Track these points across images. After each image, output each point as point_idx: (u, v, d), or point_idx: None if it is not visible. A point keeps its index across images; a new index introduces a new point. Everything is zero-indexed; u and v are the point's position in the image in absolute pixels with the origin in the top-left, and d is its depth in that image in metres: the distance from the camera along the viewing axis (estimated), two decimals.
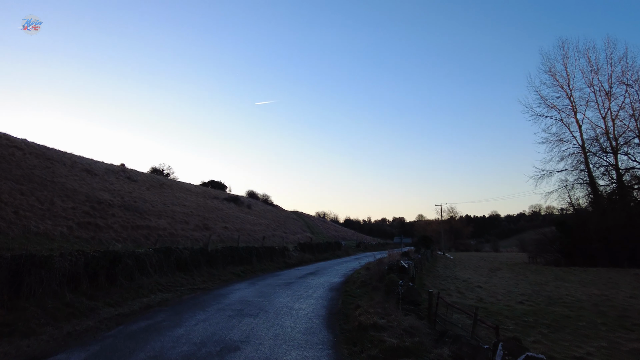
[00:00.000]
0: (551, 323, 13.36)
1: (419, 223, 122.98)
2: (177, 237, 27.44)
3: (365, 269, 19.83)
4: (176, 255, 14.73)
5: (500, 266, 43.71)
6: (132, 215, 28.89)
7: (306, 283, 16.43)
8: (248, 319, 9.59)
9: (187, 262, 15.13)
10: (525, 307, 16.32)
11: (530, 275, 32.18)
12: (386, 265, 15.92)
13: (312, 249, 30.16)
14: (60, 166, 35.68)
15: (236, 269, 17.92)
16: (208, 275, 15.54)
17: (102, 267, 10.77)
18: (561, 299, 18.62)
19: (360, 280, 16.05)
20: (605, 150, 42.05)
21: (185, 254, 15.23)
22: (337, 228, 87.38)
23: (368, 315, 9.02)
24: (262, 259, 21.33)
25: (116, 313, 9.54)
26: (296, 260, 25.12)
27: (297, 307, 11.29)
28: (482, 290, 21.07)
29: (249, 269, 18.92)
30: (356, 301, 11.96)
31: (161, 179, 50.46)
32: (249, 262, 19.95)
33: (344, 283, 16.80)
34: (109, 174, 41.09)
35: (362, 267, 24.18)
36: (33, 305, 8.19)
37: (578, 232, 41.02)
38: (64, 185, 29.89)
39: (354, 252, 42.51)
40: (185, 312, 10.10)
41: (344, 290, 14.96)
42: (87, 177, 36.30)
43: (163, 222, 29.70)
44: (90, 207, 27.02)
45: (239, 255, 19.23)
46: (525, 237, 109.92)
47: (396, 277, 11.19)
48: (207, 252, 16.84)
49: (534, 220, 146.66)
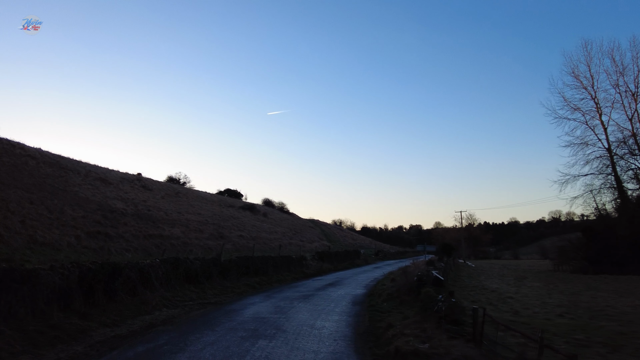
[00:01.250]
0: (606, 341, 11.56)
1: (436, 230, 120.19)
2: (190, 246, 26.21)
3: (390, 280, 18.18)
4: (185, 266, 13.34)
5: (526, 274, 41.69)
6: (145, 224, 27.81)
7: (326, 295, 14.93)
8: (263, 341, 8.13)
9: (197, 274, 13.75)
10: (568, 322, 14.58)
11: (559, 284, 30.28)
12: (415, 276, 14.36)
13: (331, 257, 28.59)
14: (74, 175, 35.02)
15: (251, 280, 16.45)
16: (220, 287, 14.12)
17: (100, 281, 9.43)
18: (603, 312, 16.86)
19: (387, 292, 14.44)
20: (633, 153, 39.98)
21: (195, 265, 13.85)
22: (354, 236, 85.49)
23: (405, 338, 7.48)
24: (278, 269, 19.86)
25: (112, 335, 8.16)
26: (314, 270, 23.60)
27: (318, 326, 9.78)
28: (515, 301, 19.39)
29: (264, 280, 17.45)
30: (386, 318, 10.40)
31: (177, 187, 49.60)
32: (265, 273, 18.50)
33: (367, 295, 15.24)
34: (124, 183, 40.32)
35: (385, 277, 22.58)
36: (11, 328, 6.85)
37: (605, 238, 38.81)
38: (76, 194, 29.05)
39: (373, 261, 40.75)
40: (192, 333, 8.67)
41: (368, 304, 13.40)
42: (101, 185, 35.53)
43: (177, 231, 28.54)
44: (101, 216, 26.02)
45: (254, 266, 17.78)
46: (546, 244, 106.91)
47: (433, 291, 9.62)
48: (220, 263, 15.43)
49: (554, 226, 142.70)
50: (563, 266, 45.39)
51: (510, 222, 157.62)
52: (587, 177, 42.65)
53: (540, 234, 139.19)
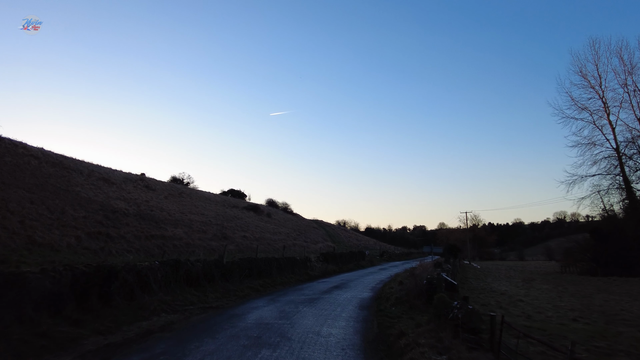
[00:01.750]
0: (629, 350, 10.90)
1: (441, 231, 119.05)
2: (193, 247, 25.68)
3: (398, 283, 17.51)
4: (186, 268, 12.76)
5: (533, 276, 40.91)
6: (147, 225, 27.30)
7: (332, 299, 14.32)
8: (267, 350, 7.54)
9: (198, 276, 13.17)
10: (584, 327, 13.96)
11: (569, 287, 29.56)
12: (424, 279, 13.74)
13: (336, 259, 27.95)
14: (76, 175, 34.53)
15: (254, 282, 15.84)
16: (223, 290, 13.53)
17: (94, 285, 8.87)
18: (618, 316, 16.24)
19: (395, 296, 13.79)
20: None
21: (197, 267, 13.27)
22: (358, 237, 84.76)
23: (420, 348, 6.86)
24: (282, 271, 19.26)
25: (105, 343, 7.58)
26: (319, 272, 22.98)
27: (325, 333, 9.18)
28: (525, 304, 18.75)
29: (268, 282, 16.85)
30: (396, 324, 9.77)
31: (180, 187, 49.08)
32: (269, 275, 17.91)
33: (375, 299, 14.62)
34: (127, 183, 39.84)
35: (391, 280, 21.94)
36: None
37: (613, 239, 38.01)
38: (78, 194, 28.55)
39: (378, 262, 40.04)
40: (191, 341, 8.09)
41: (376, 308, 12.78)
42: (103, 185, 35.05)
43: (179, 232, 28.01)
44: (103, 217, 25.52)
45: (257, 268, 17.18)
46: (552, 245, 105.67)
47: (447, 297, 9.00)
48: (222, 265, 14.83)
49: (559, 227, 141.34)
50: (570, 268, 44.60)
51: (515, 223, 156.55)
52: (594, 177, 41.98)
53: (546, 235, 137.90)
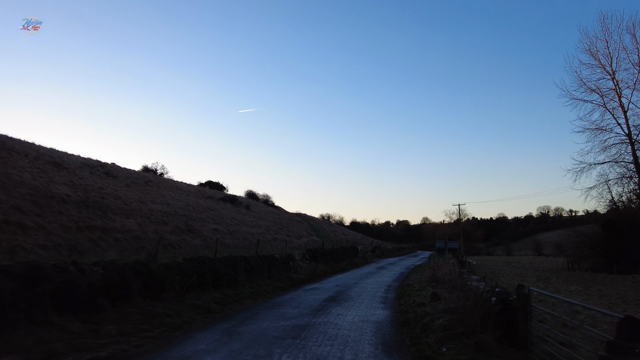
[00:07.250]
0: None
1: (426, 226, 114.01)
2: (144, 241, 19.47)
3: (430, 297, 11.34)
4: (64, 281, 6.64)
5: (544, 274, 35.94)
6: (88, 214, 20.97)
7: (330, 326, 8.29)
8: None
9: (95, 294, 7.08)
10: None
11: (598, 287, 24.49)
12: (486, 293, 8.00)
13: (325, 256, 21.86)
14: (20, 157, 28.31)
15: (205, 297, 9.53)
16: (139, 318, 7.39)
17: None
18: None
19: (438, 322, 7.61)
20: None
21: (92, 278, 7.13)
22: (344, 231, 78.85)
23: None
24: (254, 275, 13.10)
25: None
26: (306, 274, 16.88)
27: None
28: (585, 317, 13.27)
29: (230, 295, 10.60)
30: None
31: (148, 176, 42.45)
32: (233, 283, 11.75)
33: (399, 325, 8.61)
34: (84, 169, 33.26)
35: (403, 284, 16.05)
36: None
37: (629, 232, 33.15)
38: (9, 177, 22.23)
39: (372, 259, 34.09)
40: None
41: (412, 348, 6.85)
42: (51, 170, 28.65)
43: (131, 223, 21.73)
44: (29, 202, 19.28)
45: (213, 272, 10.94)
46: (541, 240, 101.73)
47: None
48: (150, 270, 8.68)
49: (543, 222, 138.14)
50: (580, 264, 39.70)
51: (499, 217, 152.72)
52: (603, 165, 36.63)
53: (530, 229, 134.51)
